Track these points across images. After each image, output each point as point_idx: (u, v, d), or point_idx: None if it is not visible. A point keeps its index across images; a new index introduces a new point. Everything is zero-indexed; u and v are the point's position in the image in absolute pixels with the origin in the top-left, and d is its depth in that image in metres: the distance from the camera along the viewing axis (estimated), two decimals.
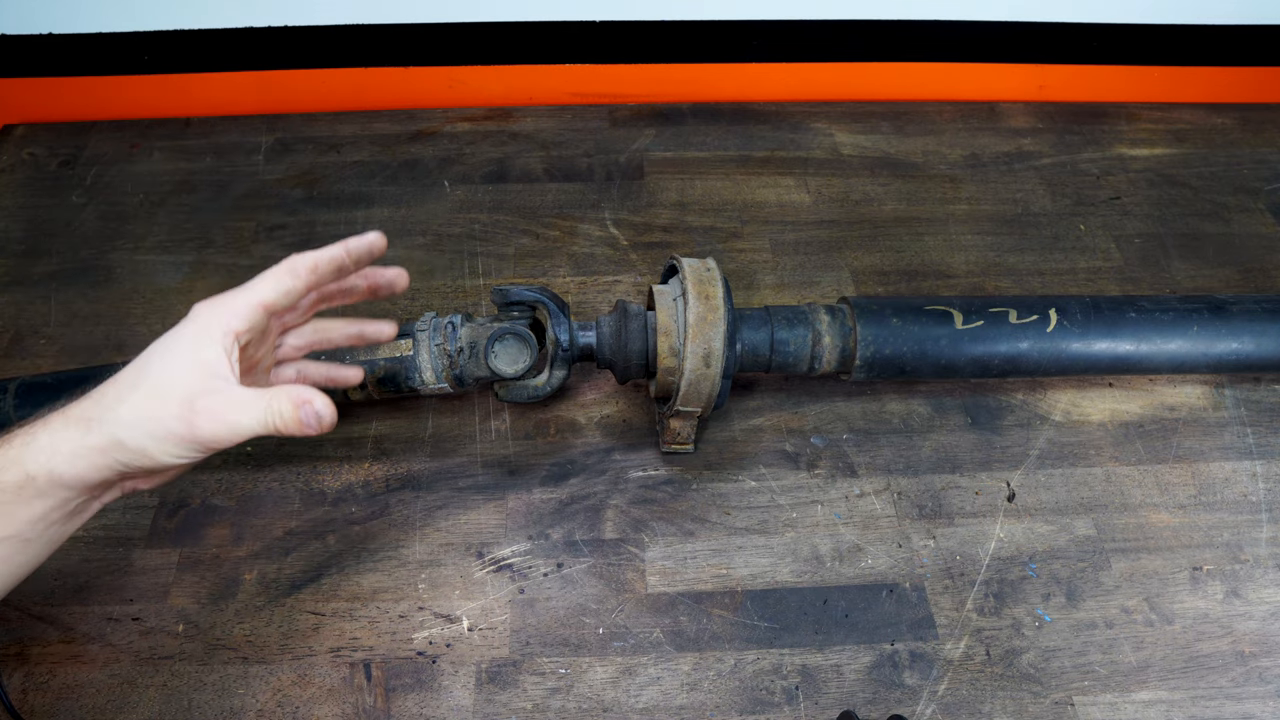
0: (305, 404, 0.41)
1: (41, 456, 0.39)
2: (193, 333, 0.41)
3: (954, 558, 0.60)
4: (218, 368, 0.40)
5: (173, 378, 0.40)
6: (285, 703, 0.53)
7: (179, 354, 0.40)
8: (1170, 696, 0.54)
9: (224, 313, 0.41)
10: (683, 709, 0.53)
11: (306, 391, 0.41)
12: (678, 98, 0.94)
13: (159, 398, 0.39)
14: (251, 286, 0.43)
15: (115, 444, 0.39)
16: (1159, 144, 0.91)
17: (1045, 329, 0.61)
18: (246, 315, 0.42)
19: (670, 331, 0.57)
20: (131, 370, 0.41)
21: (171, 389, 0.39)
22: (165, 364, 0.40)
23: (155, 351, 0.41)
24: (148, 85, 0.88)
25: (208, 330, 0.41)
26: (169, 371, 0.40)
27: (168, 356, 0.40)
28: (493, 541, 0.60)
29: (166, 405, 0.39)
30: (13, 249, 0.78)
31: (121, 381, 0.40)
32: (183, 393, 0.39)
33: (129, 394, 0.39)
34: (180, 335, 0.41)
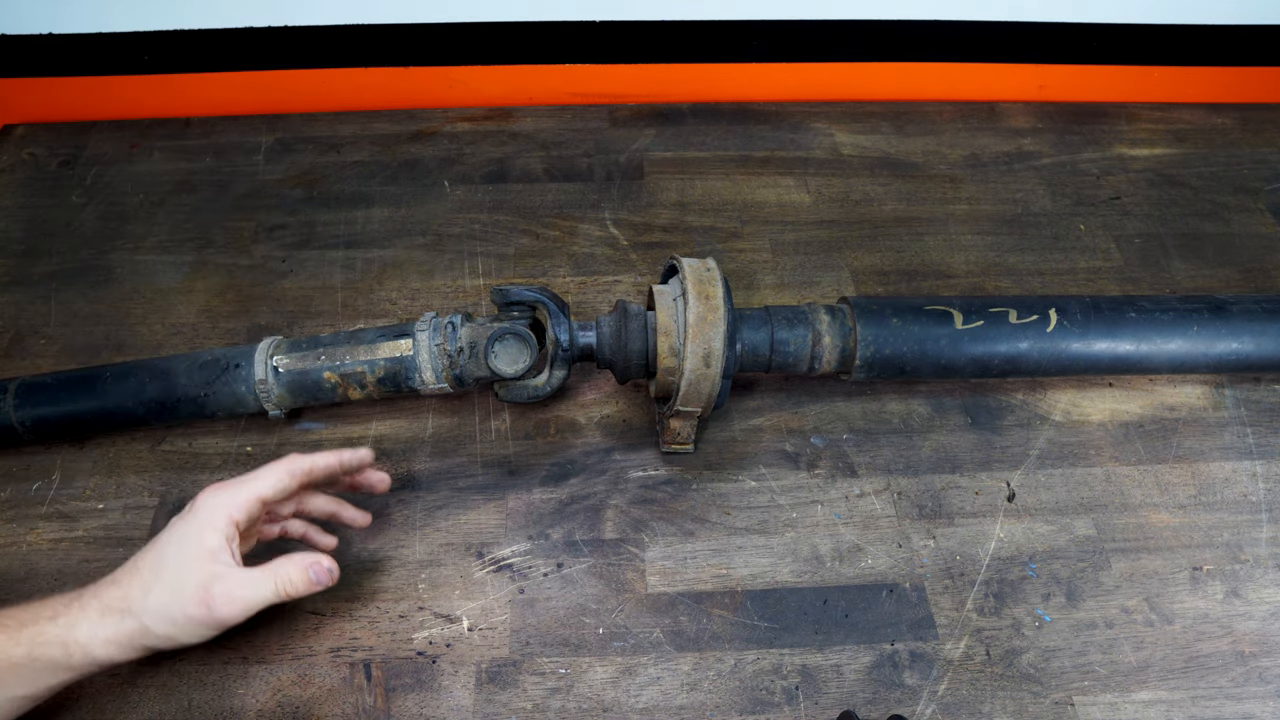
0: (313, 566, 0.48)
1: (82, 640, 0.44)
2: (199, 525, 0.47)
3: (954, 558, 0.60)
4: (221, 554, 0.47)
5: (187, 570, 0.46)
6: (285, 703, 0.53)
7: (189, 546, 0.46)
8: (1170, 696, 0.54)
9: (227, 505, 0.47)
10: (683, 709, 0.53)
11: (310, 556, 0.49)
12: (678, 98, 0.94)
13: (178, 590, 0.45)
14: (251, 482, 0.49)
15: (144, 631, 0.45)
16: (1159, 144, 0.91)
17: (1045, 329, 0.61)
18: (245, 507, 0.48)
19: (670, 331, 0.57)
20: (152, 558, 0.47)
21: (187, 581, 0.45)
22: (180, 556, 0.46)
23: (170, 542, 0.47)
24: (148, 85, 0.88)
25: (212, 521, 0.47)
26: (183, 564, 0.46)
27: (181, 548, 0.46)
28: (493, 541, 0.60)
29: (185, 595, 0.45)
30: (13, 249, 0.78)
31: (144, 571, 0.46)
32: (196, 582, 0.45)
33: (154, 585, 0.45)
34: (188, 526, 0.47)
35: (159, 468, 0.63)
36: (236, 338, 0.71)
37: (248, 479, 0.49)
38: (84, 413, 0.60)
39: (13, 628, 0.43)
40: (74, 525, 0.60)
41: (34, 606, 0.45)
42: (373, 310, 0.73)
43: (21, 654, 0.43)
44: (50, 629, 0.44)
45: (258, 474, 0.50)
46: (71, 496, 0.61)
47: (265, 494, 0.49)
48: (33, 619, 0.44)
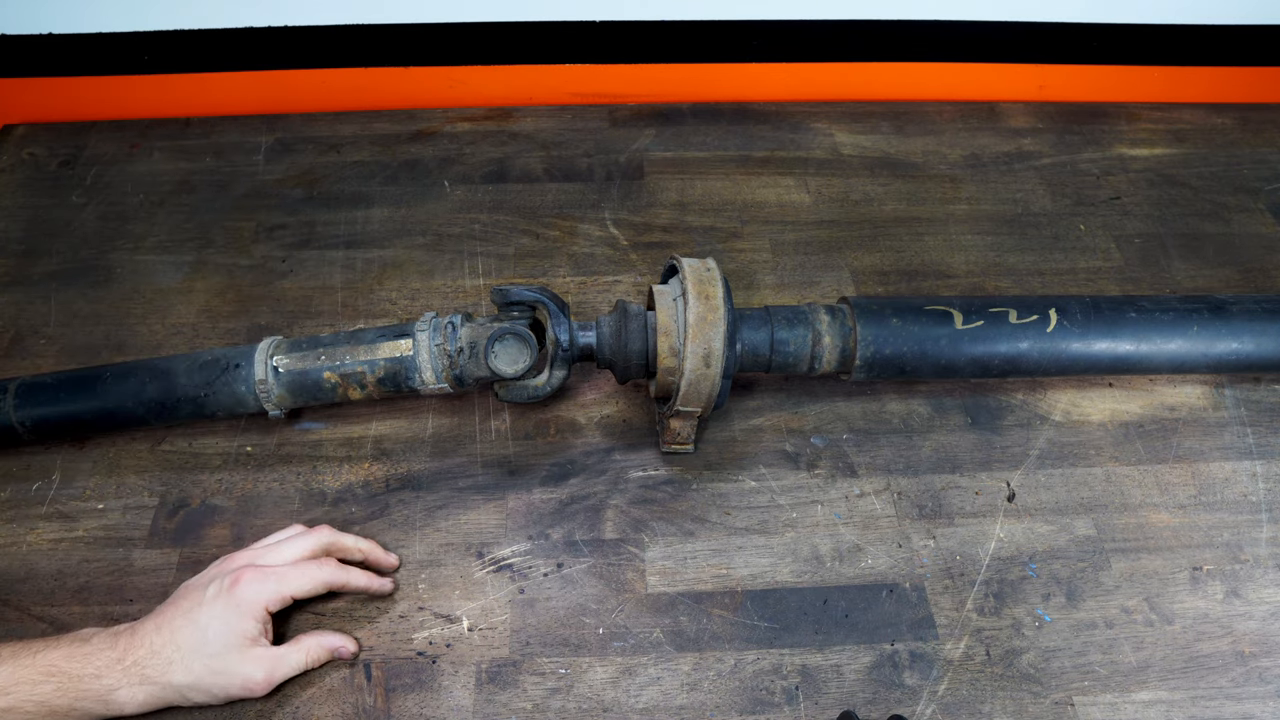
0: (339, 649, 0.54)
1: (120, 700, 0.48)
2: (240, 614, 0.51)
3: (954, 558, 0.60)
4: (260, 640, 0.52)
5: (230, 656, 0.50)
6: (285, 703, 0.53)
7: (232, 634, 0.50)
8: (1170, 696, 0.54)
9: (265, 599, 0.52)
10: (683, 709, 0.53)
11: (335, 640, 0.54)
12: (678, 98, 0.94)
13: (219, 673, 0.50)
14: (290, 579, 0.53)
15: (180, 699, 0.50)
16: (1159, 144, 0.91)
17: (1045, 329, 0.61)
18: (279, 604, 0.52)
19: (670, 331, 0.57)
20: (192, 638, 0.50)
21: (229, 666, 0.50)
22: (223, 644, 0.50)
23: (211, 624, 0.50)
24: (148, 85, 0.88)
25: (253, 612, 0.51)
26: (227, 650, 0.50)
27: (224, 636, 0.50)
28: (493, 541, 0.60)
29: (225, 678, 0.50)
30: (13, 249, 0.78)
31: (186, 651, 0.49)
32: (238, 668, 0.50)
33: (194, 664, 0.49)
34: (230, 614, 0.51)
35: (159, 468, 0.63)
36: (236, 338, 0.71)
37: (288, 576, 0.53)
38: (84, 413, 0.59)
39: (61, 680, 0.47)
40: (74, 525, 0.60)
41: (78, 656, 0.48)
42: (373, 310, 0.73)
43: (65, 704, 0.47)
44: (94, 686, 0.48)
45: (300, 573, 0.53)
46: (71, 496, 0.61)
47: (297, 595, 0.53)
48: (78, 673, 0.47)
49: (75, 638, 0.49)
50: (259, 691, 0.51)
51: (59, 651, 0.48)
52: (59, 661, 0.47)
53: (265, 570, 0.52)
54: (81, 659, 0.48)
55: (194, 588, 0.52)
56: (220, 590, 0.51)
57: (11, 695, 0.46)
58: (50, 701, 0.46)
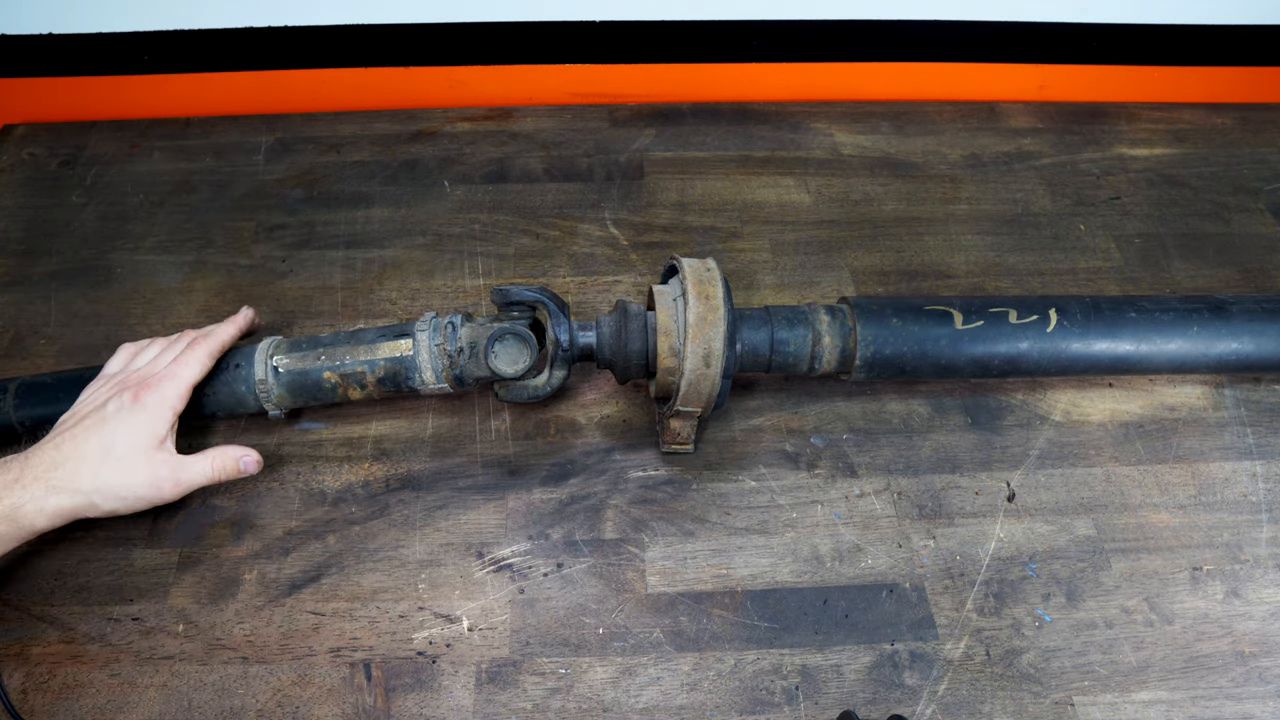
0: (243, 458, 0.57)
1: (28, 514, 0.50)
2: (148, 418, 0.53)
3: (954, 558, 0.60)
4: (167, 443, 0.54)
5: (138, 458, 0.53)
6: (285, 703, 0.53)
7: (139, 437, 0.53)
8: (1170, 696, 0.54)
9: (171, 400, 0.54)
10: (683, 709, 0.53)
11: (241, 449, 0.57)
12: (678, 98, 0.94)
13: (129, 474, 0.52)
14: (181, 373, 0.56)
15: (90, 506, 0.52)
16: (1159, 144, 0.91)
17: (1045, 329, 0.61)
18: (183, 398, 0.55)
19: (670, 331, 0.57)
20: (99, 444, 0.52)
21: (138, 468, 0.53)
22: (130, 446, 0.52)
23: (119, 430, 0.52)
24: (148, 85, 0.88)
25: (160, 414, 0.54)
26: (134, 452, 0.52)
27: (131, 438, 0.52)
28: (493, 541, 0.60)
29: (136, 479, 0.53)
30: (13, 249, 0.78)
31: (93, 456, 0.52)
32: (148, 469, 0.53)
33: (102, 470, 0.52)
34: (137, 418, 0.53)
35: None
36: None
37: (178, 372, 0.56)
38: None
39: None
40: (74, 525, 0.60)
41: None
42: (373, 310, 0.73)
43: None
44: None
45: (185, 363, 0.56)
46: None
47: (197, 380, 0.56)
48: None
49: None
50: (167, 494, 0.53)
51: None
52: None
53: (158, 375, 0.55)
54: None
55: (88, 409, 0.54)
56: (123, 404, 0.53)
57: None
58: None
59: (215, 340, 0.58)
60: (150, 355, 0.58)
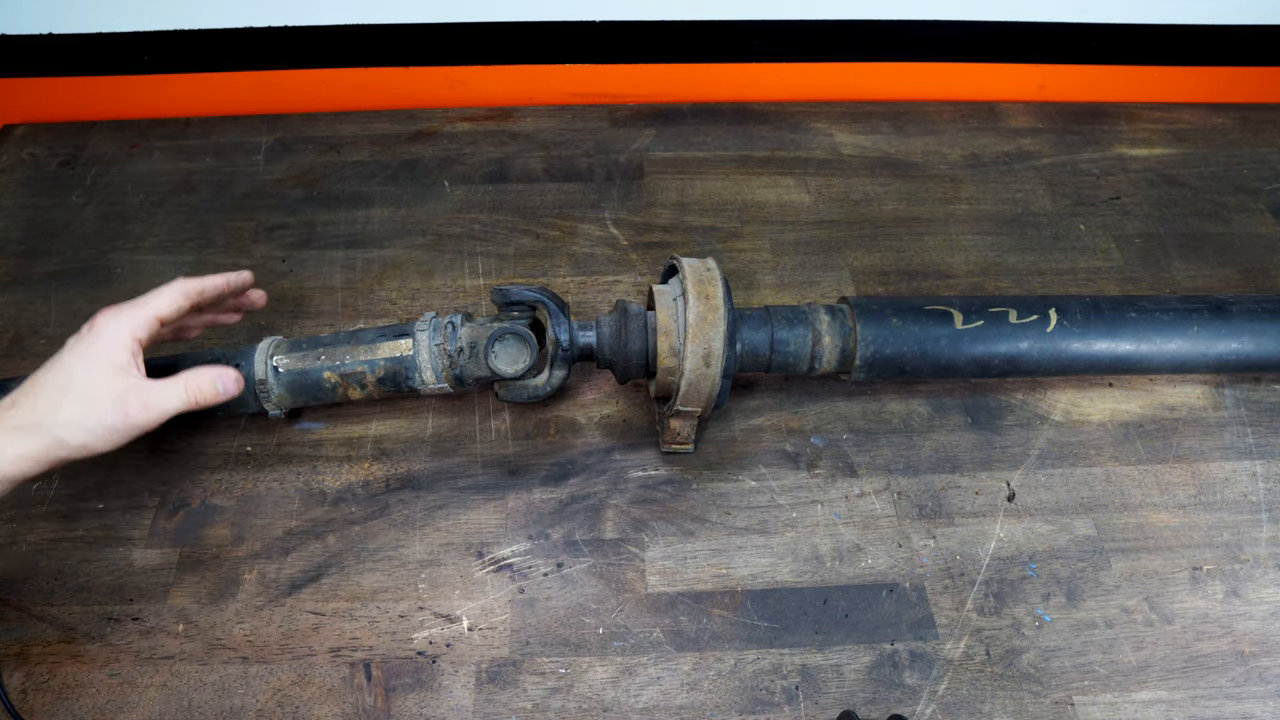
0: (220, 378, 0.53)
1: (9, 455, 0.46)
2: (105, 343, 0.50)
3: (954, 558, 0.60)
4: (130, 369, 0.50)
5: (99, 384, 0.49)
6: (285, 703, 0.53)
7: (97, 363, 0.49)
8: (1170, 696, 0.54)
9: (130, 325, 0.51)
10: (683, 709, 0.53)
11: (217, 369, 0.53)
12: (678, 98, 0.94)
13: (91, 402, 0.48)
14: (148, 302, 0.52)
15: (59, 443, 0.48)
16: (1159, 144, 0.91)
17: (1045, 329, 0.61)
18: (147, 326, 0.51)
19: (670, 331, 0.57)
20: (56, 377, 0.49)
21: (100, 394, 0.48)
22: (88, 373, 0.49)
23: (76, 361, 0.49)
24: (148, 85, 0.88)
25: (118, 338, 0.50)
26: (94, 379, 0.49)
27: (88, 365, 0.49)
28: (493, 541, 0.60)
29: (100, 406, 0.48)
30: (13, 249, 0.78)
31: (50, 388, 0.48)
32: (111, 394, 0.49)
33: (63, 401, 0.48)
34: (94, 345, 0.50)
35: (158, 468, 0.63)
36: (236, 338, 0.71)
37: (145, 300, 0.52)
38: None
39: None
40: (74, 525, 0.60)
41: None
42: (373, 310, 0.73)
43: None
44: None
45: (155, 294, 0.53)
46: (71, 496, 0.61)
47: (164, 313, 0.52)
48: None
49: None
50: (138, 419, 0.49)
51: None
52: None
53: (123, 305, 0.52)
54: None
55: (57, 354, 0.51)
56: (80, 335, 0.51)
57: None
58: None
59: (195, 282, 0.55)
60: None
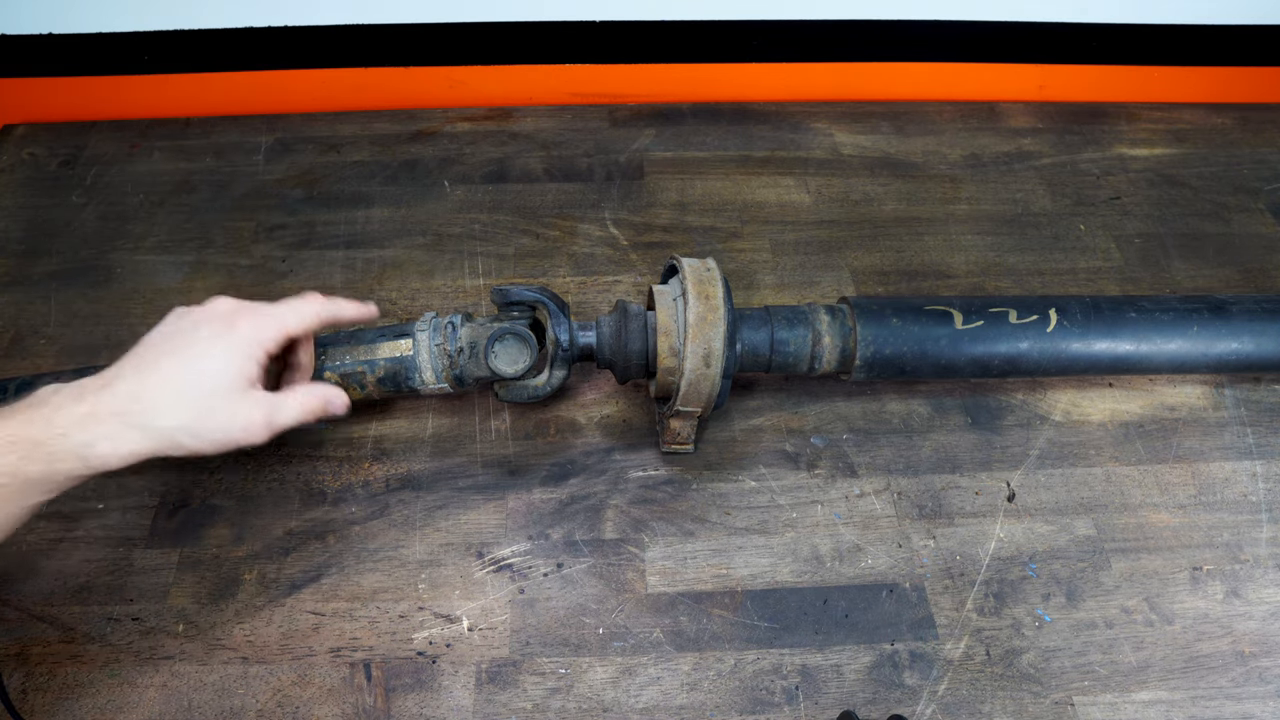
0: (332, 400, 0.53)
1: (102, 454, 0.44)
2: (241, 355, 0.47)
3: (954, 558, 0.60)
4: (255, 380, 0.48)
5: (228, 398, 0.47)
6: (285, 703, 0.53)
7: (230, 375, 0.47)
8: (1170, 696, 0.54)
9: (264, 339, 0.49)
10: (683, 709, 0.53)
11: (324, 388, 0.53)
12: (678, 98, 0.94)
13: (214, 413, 0.46)
14: (283, 314, 0.50)
15: (173, 445, 0.46)
16: (1159, 144, 0.91)
17: (1045, 329, 0.61)
18: (277, 340, 0.50)
19: (670, 331, 0.57)
20: (188, 376, 0.46)
21: (226, 408, 0.47)
22: (218, 382, 0.46)
23: (210, 363, 0.47)
24: (148, 85, 0.88)
25: (248, 346, 0.48)
26: (223, 391, 0.47)
27: (222, 375, 0.47)
28: (493, 541, 0.60)
29: (221, 419, 0.46)
30: (13, 249, 0.78)
31: (176, 387, 0.46)
32: (236, 410, 0.47)
33: (188, 405, 0.46)
34: (230, 353, 0.47)
35: (159, 468, 0.63)
36: None
37: (279, 311, 0.50)
38: None
39: (25, 446, 0.42)
40: (74, 525, 0.60)
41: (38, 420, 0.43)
42: None
43: (39, 470, 0.43)
44: (64, 445, 0.43)
45: (290, 307, 0.51)
46: (71, 496, 0.60)
47: (293, 331, 0.51)
48: (42, 436, 0.43)
49: (31, 402, 0.45)
50: (258, 436, 0.48)
51: (15, 420, 0.43)
52: (17, 430, 0.43)
53: (260, 309, 0.50)
54: (43, 422, 0.43)
55: (178, 332, 0.48)
56: (216, 332, 0.48)
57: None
58: (21, 470, 0.42)
59: (332, 305, 0.53)
60: None
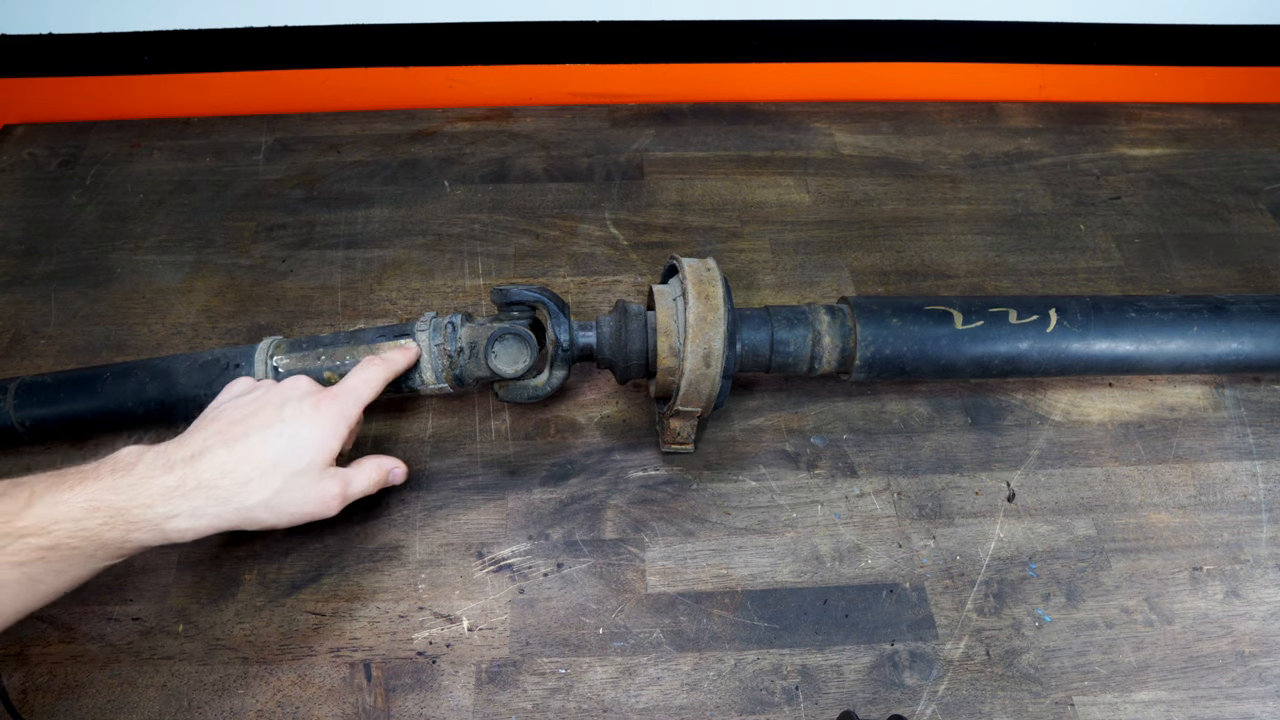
0: (393, 470, 0.56)
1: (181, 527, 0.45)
2: (323, 434, 0.49)
3: (954, 558, 0.60)
4: (334, 458, 0.50)
5: (311, 477, 0.48)
6: (285, 703, 0.53)
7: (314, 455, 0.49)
8: (1170, 696, 0.54)
9: (347, 418, 0.51)
10: (683, 709, 0.53)
11: (388, 461, 0.56)
12: (678, 98, 0.94)
13: (293, 490, 0.48)
14: (361, 392, 0.53)
15: (250, 520, 0.47)
16: (1159, 144, 0.91)
17: (1045, 329, 0.61)
18: (357, 415, 0.52)
19: (670, 331, 0.57)
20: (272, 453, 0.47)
21: (311, 482, 0.48)
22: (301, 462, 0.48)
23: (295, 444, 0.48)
24: (148, 85, 0.88)
25: (336, 431, 0.50)
26: (306, 471, 0.48)
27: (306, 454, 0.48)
28: (493, 541, 0.60)
29: (300, 496, 0.48)
30: (13, 249, 0.78)
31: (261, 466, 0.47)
32: (317, 488, 0.49)
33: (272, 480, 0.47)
34: (313, 433, 0.49)
35: None
36: (236, 338, 0.71)
37: (358, 388, 0.53)
38: (84, 413, 0.59)
39: (108, 513, 0.43)
40: None
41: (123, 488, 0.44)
42: (373, 310, 0.73)
43: (117, 537, 0.43)
44: (146, 516, 0.44)
45: (362, 380, 0.53)
46: None
47: (369, 402, 0.53)
48: (125, 505, 0.43)
49: (116, 465, 0.45)
50: (334, 509, 0.50)
51: (100, 484, 0.44)
52: (102, 495, 0.43)
53: (337, 390, 0.52)
54: (128, 490, 0.44)
55: (264, 407, 0.49)
56: (303, 410, 0.49)
57: (54, 533, 0.42)
58: (100, 535, 0.43)
59: (391, 365, 0.56)
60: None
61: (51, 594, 0.43)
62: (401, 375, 0.59)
